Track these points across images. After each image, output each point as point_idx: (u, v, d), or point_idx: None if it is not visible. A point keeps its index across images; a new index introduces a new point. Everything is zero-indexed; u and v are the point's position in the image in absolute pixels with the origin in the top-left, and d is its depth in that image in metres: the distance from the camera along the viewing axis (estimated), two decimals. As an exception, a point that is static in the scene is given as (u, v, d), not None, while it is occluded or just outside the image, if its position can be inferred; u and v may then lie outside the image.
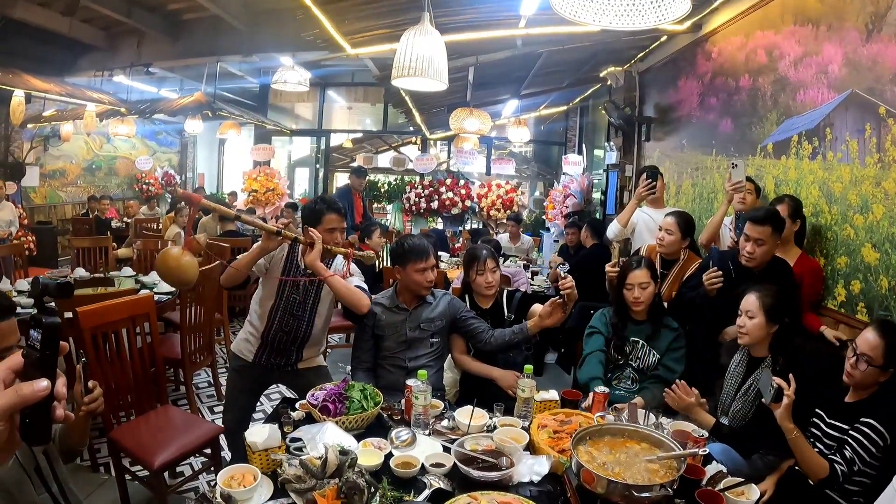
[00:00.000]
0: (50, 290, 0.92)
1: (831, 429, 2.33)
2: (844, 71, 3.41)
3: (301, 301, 3.02)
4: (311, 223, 2.95)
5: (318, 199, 3.11)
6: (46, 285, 0.92)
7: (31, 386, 0.85)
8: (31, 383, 0.86)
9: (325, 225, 2.94)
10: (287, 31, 6.54)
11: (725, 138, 4.84)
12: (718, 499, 1.80)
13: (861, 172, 3.21)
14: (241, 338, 3.14)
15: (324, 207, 2.98)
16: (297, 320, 3.02)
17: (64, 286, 0.94)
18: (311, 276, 2.90)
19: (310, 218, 2.98)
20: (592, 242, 6.13)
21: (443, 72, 3.04)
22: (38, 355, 0.89)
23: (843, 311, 3.34)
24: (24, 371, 0.89)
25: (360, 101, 12.72)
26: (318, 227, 2.91)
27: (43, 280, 0.93)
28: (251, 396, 3.25)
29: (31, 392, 0.85)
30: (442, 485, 1.88)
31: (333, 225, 2.97)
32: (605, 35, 5.37)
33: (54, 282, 0.94)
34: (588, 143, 10.38)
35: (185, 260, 2.53)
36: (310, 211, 3.03)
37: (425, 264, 2.99)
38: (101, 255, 6.33)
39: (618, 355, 3.14)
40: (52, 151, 10.52)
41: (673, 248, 3.72)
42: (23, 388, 0.85)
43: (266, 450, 1.98)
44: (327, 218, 2.95)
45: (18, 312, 3.71)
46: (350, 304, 2.88)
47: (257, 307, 3.08)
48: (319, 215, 2.95)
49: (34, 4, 6.65)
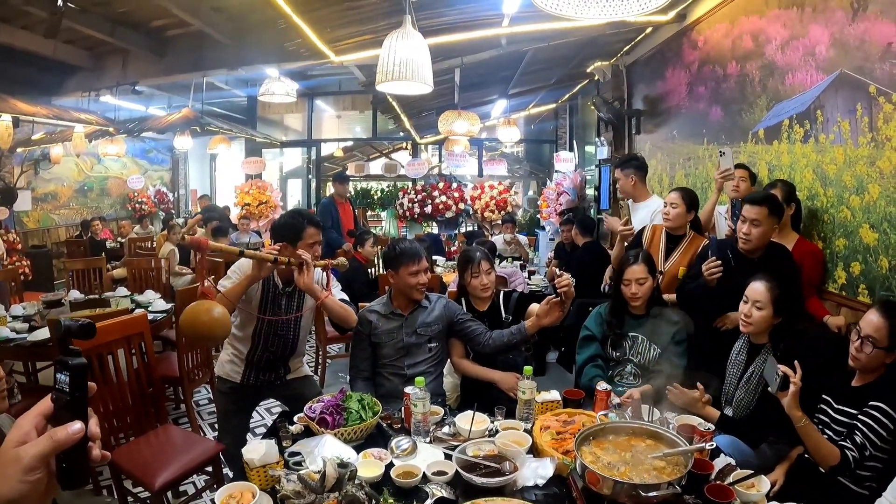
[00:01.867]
0: (73, 332, 0.90)
1: (840, 414, 2.30)
2: (832, 52, 3.39)
3: (285, 321, 2.97)
4: (290, 239, 2.82)
5: (295, 213, 3.01)
6: (69, 327, 0.89)
7: (64, 430, 0.83)
8: (64, 427, 0.84)
9: (306, 240, 2.83)
10: (271, 42, 6.51)
11: (716, 126, 4.82)
12: (728, 493, 1.76)
13: (855, 153, 3.19)
14: (225, 360, 3.05)
15: (304, 222, 2.86)
16: (281, 339, 2.99)
17: (87, 326, 0.91)
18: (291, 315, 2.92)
19: (289, 234, 2.84)
20: (584, 240, 6.09)
21: (427, 75, 3.01)
22: (67, 398, 0.86)
23: (844, 293, 3.32)
24: (55, 415, 0.87)
25: (349, 110, 12.68)
26: (300, 243, 2.82)
27: (65, 322, 0.89)
28: (243, 416, 3.20)
29: (66, 436, 0.83)
30: (444, 493, 1.84)
31: (315, 238, 2.88)
32: (589, 29, 5.35)
33: (76, 323, 0.90)
34: (579, 140, 10.36)
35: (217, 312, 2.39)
36: (288, 227, 2.88)
37: (418, 267, 2.95)
38: (95, 276, 6.30)
39: (616, 352, 3.10)
40: (42, 175, 10.46)
41: (679, 222, 3.69)
42: (57, 434, 0.83)
43: (264, 466, 1.94)
44: (308, 232, 2.84)
45: (13, 339, 3.75)
46: (342, 321, 2.88)
47: (237, 331, 2.97)
48: (300, 230, 2.83)
49: (17, 28, 6.61)
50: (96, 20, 6.48)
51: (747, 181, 3.75)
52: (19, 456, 0.82)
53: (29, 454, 0.81)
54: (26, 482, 0.81)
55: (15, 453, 0.82)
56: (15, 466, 0.81)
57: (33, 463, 0.81)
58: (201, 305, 2.39)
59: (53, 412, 0.87)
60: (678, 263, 3.65)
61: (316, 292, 2.76)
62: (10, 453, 0.83)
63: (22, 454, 0.82)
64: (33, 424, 0.86)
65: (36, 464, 0.81)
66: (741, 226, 3.05)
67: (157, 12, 6.41)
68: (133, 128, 9.11)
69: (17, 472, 0.81)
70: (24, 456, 0.81)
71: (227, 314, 2.45)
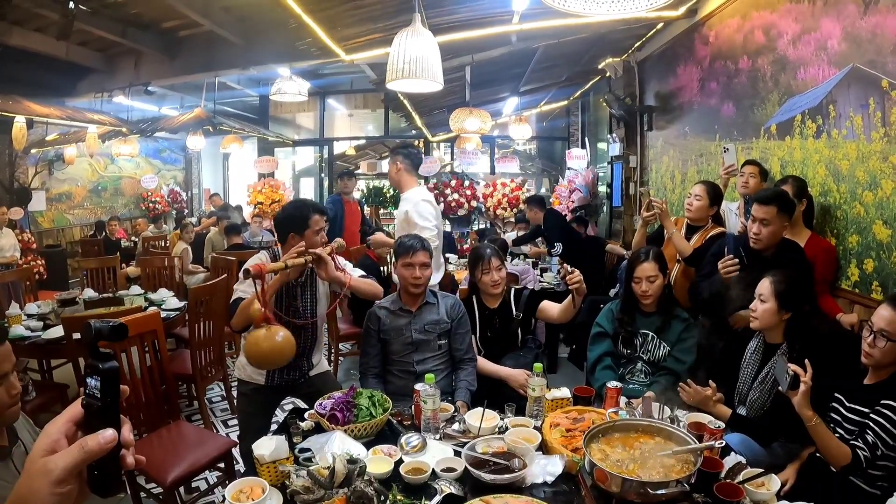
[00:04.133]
0: (104, 334, 0.85)
1: (852, 413, 2.27)
2: (844, 46, 3.35)
3: (301, 311, 2.97)
4: (297, 228, 2.84)
5: (297, 203, 3.01)
6: (100, 329, 0.84)
7: (95, 439, 0.79)
8: (95, 436, 0.80)
9: (312, 228, 2.85)
10: (282, 42, 6.53)
11: (728, 122, 4.79)
12: (738, 491, 1.75)
13: (867, 148, 3.16)
14: (246, 362, 3.00)
15: (309, 210, 2.87)
16: (300, 331, 2.95)
17: (118, 328, 0.86)
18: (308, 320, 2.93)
19: (296, 223, 2.85)
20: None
21: (438, 72, 3.01)
22: (99, 404, 0.82)
23: (857, 291, 3.29)
24: (86, 422, 0.83)
25: (361, 108, 12.70)
26: (307, 231, 2.83)
27: (95, 325, 0.85)
28: (265, 418, 3.15)
29: (98, 445, 0.79)
30: (453, 490, 1.85)
31: (320, 225, 2.89)
32: (599, 25, 5.33)
33: (107, 325, 0.85)
34: (591, 137, 10.32)
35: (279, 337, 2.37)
36: (292, 217, 2.89)
37: (411, 260, 2.97)
38: (109, 275, 6.35)
39: (627, 349, 3.10)
40: (57, 175, 10.57)
41: (701, 214, 3.76)
42: (88, 443, 0.79)
43: (274, 462, 1.95)
44: (314, 219, 2.85)
45: (28, 336, 3.79)
46: (371, 296, 2.98)
47: None
48: (306, 219, 2.84)
49: (30, 31, 6.67)
50: (108, 22, 6.54)
51: (757, 177, 3.73)
52: (49, 468, 0.78)
53: (59, 466, 0.78)
54: (57, 494, 0.77)
55: (44, 465, 0.78)
56: (44, 479, 0.78)
57: (63, 475, 0.78)
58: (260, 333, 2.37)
59: (84, 418, 0.83)
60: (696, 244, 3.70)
61: (340, 279, 2.76)
62: (38, 464, 0.79)
63: (51, 466, 0.78)
64: (62, 432, 0.82)
65: (66, 476, 0.78)
66: (751, 225, 3.03)
67: (168, 13, 6.45)
68: (146, 128, 9.19)
69: (47, 485, 0.77)
70: (53, 468, 0.78)
71: (290, 336, 2.42)
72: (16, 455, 1.59)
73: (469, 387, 2.91)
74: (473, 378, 2.98)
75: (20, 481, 0.80)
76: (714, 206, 3.76)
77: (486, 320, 3.31)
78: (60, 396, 3.76)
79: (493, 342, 3.29)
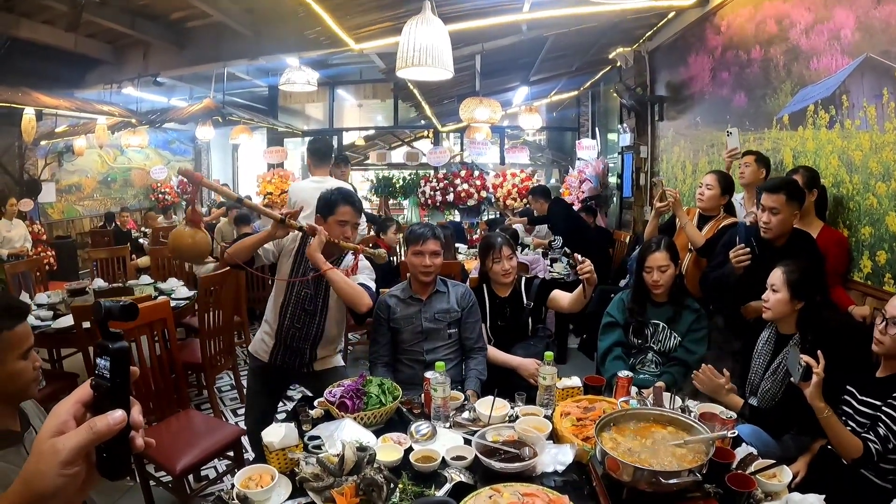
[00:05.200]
0: (114, 314, 0.84)
1: (863, 406, 2.25)
2: (857, 35, 3.31)
3: (313, 295, 2.97)
4: (324, 213, 2.93)
5: (334, 190, 3.03)
6: (110, 308, 0.83)
7: (104, 420, 0.78)
8: (104, 417, 0.78)
9: (337, 216, 2.89)
10: (291, 32, 6.52)
11: (740, 112, 4.75)
12: (750, 482, 1.74)
13: (881, 139, 3.12)
14: (258, 337, 3.11)
15: (339, 198, 2.93)
16: (308, 315, 2.97)
17: (128, 308, 0.85)
18: (317, 273, 2.84)
19: (324, 208, 2.94)
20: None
21: (448, 61, 2.99)
22: (108, 385, 0.81)
23: (870, 283, 3.26)
24: (95, 403, 0.81)
25: (370, 98, 12.69)
26: (331, 218, 2.89)
27: (105, 304, 0.84)
28: (269, 398, 3.20)
29: (107, 426, 0.78)
30: (463, 478, 1.84)
31: (346, 217, 2.91)
32: (610, 14, 5.29)
33: (117, 304, 0.85)
34: (601, 127, 10.27)
35: (199, 236, 2.78)
36: (325, 201, 2.97)
37: (421, 248, 2.97)
38: (119, 265, 6.38)
39: (638, 339, 3.08)
40: (66, 167, 10.61)
41: (712, 204, 3.75)
42: (97, 424, 0.78)
43: (283, 449, 1.96)
44: (340, 210, 2.90)
45: (38, 326, 3.81)
46: (347, 300, 2.80)
47: (272, 304, 3.06)
48: (333, 206, 2.91)
49: (38, 23, 6.69)
50: (116, 13, 6.55)
51: (752, 165, 3.72)
52: (56, 448, 0.77)
53: (67, 447, 0.77)
54: (64, 476, 0.76)
55: (52, 445, 0.77)
56: (52, 459, 0.76)
57: (71, 456, 0.76)
58: (184, 230, 2.79)
59: (93, 400, 0.82)
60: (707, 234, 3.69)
61: (318, 262, 2.73)
62: (46, 445, 0.78)
63: (59, 446, 0.77)
64: (71, 413, 0.81)
65: (74, 457, 0.77)
66: (761, 215, 3.00)
67: (176, 4, 6.46)
68: (155, 119, 9.21)
69: (55, 466, 0.76)
70: (61, 448, 0.76)
71: (206, 238, 2.84)
72: (27, 440, 1.60)
73: (479, 376, 2.90)
74: (484, 367, 2.98)
75: (28, 462, 0.79)
76: (726, 196, 3.74)
77: (497, 309, 3.30)
78: (70, 385, 3.77)
79: (504, 331, 3.27)
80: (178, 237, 2.78)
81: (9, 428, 1.60)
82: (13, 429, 1.60)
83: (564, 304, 3.19)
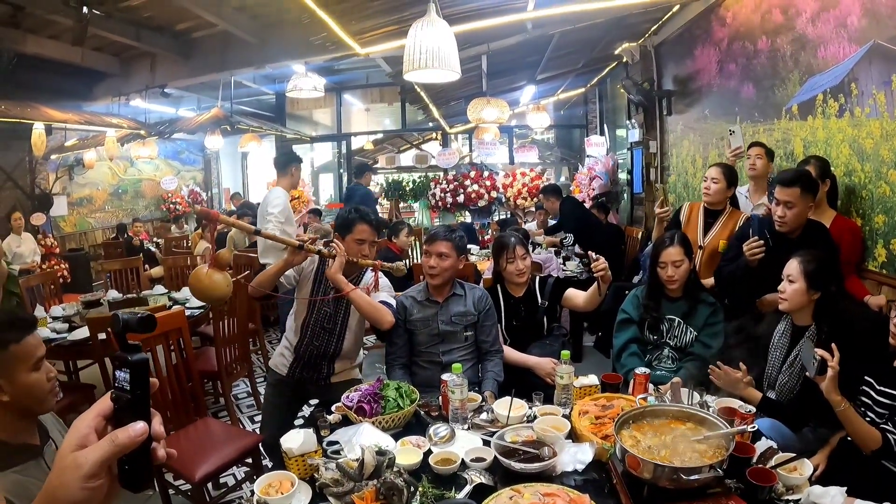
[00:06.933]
0: (132, 326, 0.84)
1: (882, 396, 2.22)
2: (864, 22, 3.28)
3: (332, 314, 3.03)
4: (341, 232, 2.98)
5: (352, 209, 3.10)
6: (127, 321, 0.83)
7: (126, 432, 0.78)
8: (125, 429, 0.78)
9: (354, 235, 2.96)
10: (296, 38, 6.53)
11: (748, 104, 4.72)
12: (771, 476, 1.73)
13: (892, 126, 3.09)
14: (278, 353, 3.18)
15: (356, 217, 3.00)
16: (328, 334, 3.03)
17: (146, 320, 0.85)
18: (338, 294, 2.87)
19: (341, 227, 3.01)
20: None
21: (454, 62, 3.00)
22: (129, 397, 0.80)
23: (884, 272, 3.23)
24: (116, 415, 0.81)
25: (377, 102, 12.69)
26: (348, 237, 2.95)
27: (123, 316, 0.83)
28: (287, 412, 3.22)
29: (129, 439, 0.78)
30: (483, 479, 1.84)
31: (363, 236, 2.98)
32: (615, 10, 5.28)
33: (135, 316, 0.85)
34: (610, 124, 10.25)
35: (216, 277, 2.63)
36: (342, 219, 3.05)
37: (429, 248, 3.02)
38: (133, 276, 6.41)
39: (653, 335, 3.07)
40: (77, 180, 10.67)
41: (718, 197, 3.71)
42: (118, 437, 0.78)
43: (302, 455, 1.96)
44: (358, 228, 2.97)
45: (54, 338, 3.84)
46: (371, 319, 2.90)
47: (292, 322, 3.11)
48: (351, 224, 2.98)
49: (45, 38, 6.74)
50: (122, 26, 6.57)
51: (763, 158, 3.71)
52: (79, 462, 0.77)
53: (90, 460, 0.76)
54: (87, 489, 0.76)
55: (74, 459, 0.77)
56: (75, 473, 0.76)
57: (94, 469, 0.76)
58: (202, 271, 2.67)
59: (114, 412, 0.82)
60: (718, 237, 3.64)
61: (341, 284, 2.79)
62: (68, 458, 0.77)
63: (81, 460, 0.77)
64: (92, 426, 0.81)
65: (97, 470, 0.77)
66: (775, 209, 2.98)
67: (181, 15, 6.48)
68: (164, 130, 9.25)
69: (78, 480, 0.76)
70: (83, 462, 0.76)
71: (226, 277, 2.70)
72: (47, 454, 1.61)
73: (496, 377, 2.91)
74: (500, 370, 2.98)
75: (51, 476, 0.79)
76: (731, 188, 3.71)
77: (512, 309, 3.29)
78: (87, 396, 3.80)
79: (519, 331, 3.27)
80: (196, 280, 2.68)
81: (28, 442, 1.61)
82: (32, 442, 1.62)
83: (579, 302, 3.19)
